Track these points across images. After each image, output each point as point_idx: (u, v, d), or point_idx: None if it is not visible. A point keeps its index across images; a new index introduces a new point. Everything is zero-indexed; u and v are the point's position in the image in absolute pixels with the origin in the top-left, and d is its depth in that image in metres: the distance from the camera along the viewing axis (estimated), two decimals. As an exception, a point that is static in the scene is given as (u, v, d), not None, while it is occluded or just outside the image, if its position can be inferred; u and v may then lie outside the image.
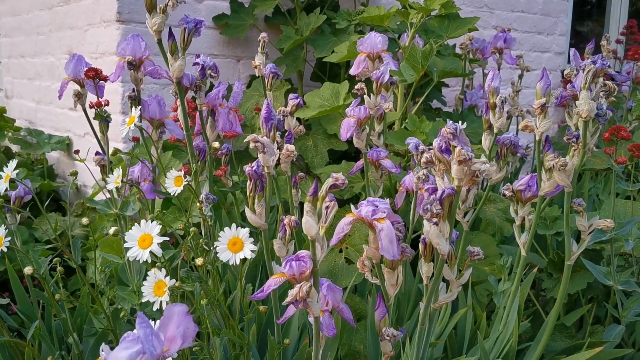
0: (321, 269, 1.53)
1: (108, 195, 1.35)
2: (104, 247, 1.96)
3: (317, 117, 2.06)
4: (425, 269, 1.06)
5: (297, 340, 1.38)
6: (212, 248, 1.01)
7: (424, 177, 1.26)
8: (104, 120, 1.37)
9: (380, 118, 1.70)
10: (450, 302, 1.53)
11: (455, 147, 0.90)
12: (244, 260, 0.91)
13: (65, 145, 2.60)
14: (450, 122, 0.93)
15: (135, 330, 0.64)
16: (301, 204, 1.98)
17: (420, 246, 1.06)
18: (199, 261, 0.93)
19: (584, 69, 1.15)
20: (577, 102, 1.12)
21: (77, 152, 1.44)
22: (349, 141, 2.26)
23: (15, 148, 2.86)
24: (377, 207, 0.95)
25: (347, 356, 1.53)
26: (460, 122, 1.23)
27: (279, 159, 1.12)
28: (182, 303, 0.69)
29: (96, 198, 2.13)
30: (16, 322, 1.61)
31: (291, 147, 1.03)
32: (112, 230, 1.11)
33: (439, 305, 1.07)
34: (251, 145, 0.97)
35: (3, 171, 1.22)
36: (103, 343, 0.64)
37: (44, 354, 1.24)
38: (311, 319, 0.96)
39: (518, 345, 1.40)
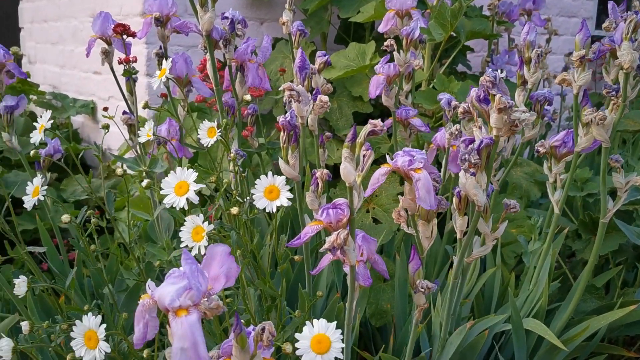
0: (350, 227, 1.51)
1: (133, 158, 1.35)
2: (133, 206, 1.98)
3: (342, 79, 2.04)
4: (459, 222, 1.05)
5: (326, 296, 1.39)
6: (245, 200, 1.00)
7: (457, 132, 1.25)
8: (132, 77, 1.37)
9: (409, 77, 1.68)
10: (478, 262, 1.52)
11: (495, 95, 0.88)
12: (278, 209, 0.90)
13: (90, 109, 2.60)
14: (489, 70, 0.90)
15: (180, 268, 0.64)
16: (327, 166, 1.96)
17: (454, 200, 1.05)
18: (234, 210, 0.93)
19: (625, 20, 1.11)
20: (618, 53, 1.09)
21: (105, 109, 1.43)
22: (374, 104, 2.24)
23: (39, 112, 2.88)
24: (413, 157, 0.94)
25: (375, 315, 1.54)
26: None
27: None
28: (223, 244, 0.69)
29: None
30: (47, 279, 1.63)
31: (325, 97, 1.01)
32: (144, 183, 1.11)
33: (473, 258, 1.06)
34: (286, 94, 0.96)
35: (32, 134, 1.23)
36: (149, 280, 0.64)
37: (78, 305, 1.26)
38: (346, 269, 0.95)
39: (547, 306, 1.39)
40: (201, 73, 1.76)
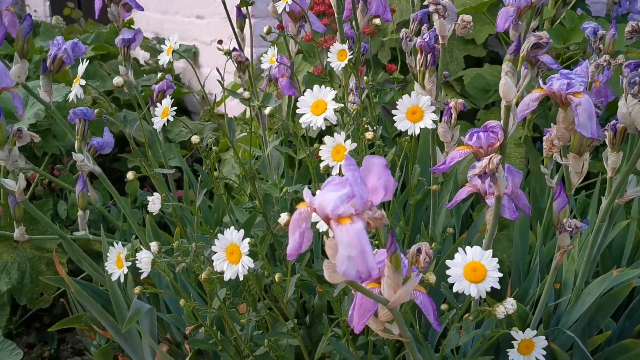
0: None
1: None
2: (236, 148, 1.98)
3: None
4: (612, 159, 0.95)
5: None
6: (375, 127, 0.95)
7: (605, 62, 1.13)
8: (247, 4, 1.33)
9: (537, 12, 1.54)
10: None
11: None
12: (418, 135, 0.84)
13: (192, 53, 2.62)
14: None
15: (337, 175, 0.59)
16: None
17: (608, 134, 0.95)
18: (369, 135, 0.87)
19: None
20: None
21: (220, 42, 1.41)
22: (486, 48, 2.11)
23: (142, 57, 2.94)
24: (572, 79, 0.84)
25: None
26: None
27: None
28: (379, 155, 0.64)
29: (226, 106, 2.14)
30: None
31: (467, 17, 0.93)
32: (267, 110, 1.08)
33: (626, 199, 0.96)
34: (431, 8, 0.88)
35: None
36: (305, 187, 0.60)
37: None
38: (490, 201, 0.88)
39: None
40: (311, 10, 1.71)
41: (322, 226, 0.71)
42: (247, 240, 0.72)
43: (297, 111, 0.83)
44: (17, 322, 1.56)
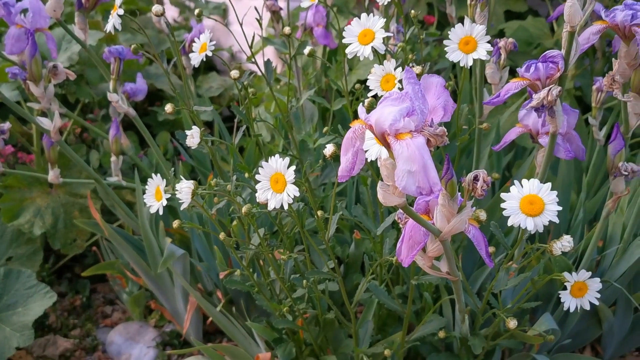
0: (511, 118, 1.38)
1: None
2: (266, 103, 1.94)
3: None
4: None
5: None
6: (424, 64, 0.91)
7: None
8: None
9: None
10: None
11: None
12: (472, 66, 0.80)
13: (222, 10, 2.58)
14: None
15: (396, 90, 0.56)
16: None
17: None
18: (416, 69, 0.83)
19: None
20: None
21: (255, -13, 1.37)
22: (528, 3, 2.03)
23: (171, 15, 2.90)
24: (637, 10, 0.79)
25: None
26: None
27: None
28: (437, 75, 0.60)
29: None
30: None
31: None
32: (306, 50, 1.04)
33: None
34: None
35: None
36: (360, 105, 0.57)
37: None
38: (543, 140, 0.84)
39: None
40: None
41: (370, 155, 0.68)
42: (293, 167, 0.69)
43: (344, 41, 0.79)
44: (49, 269, 1.57)
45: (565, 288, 0.79)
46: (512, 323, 0.80)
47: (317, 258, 1.16)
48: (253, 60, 1.13)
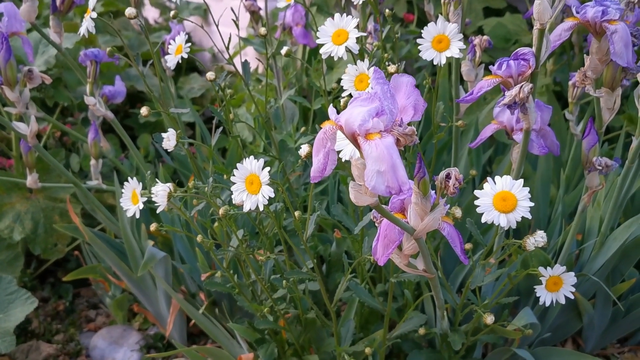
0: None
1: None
2: (247, 103, 1.94)
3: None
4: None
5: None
6: (398, 63, 0.91)
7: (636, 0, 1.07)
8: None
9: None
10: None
11: None
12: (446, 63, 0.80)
13: (202, 11, 2.57)
14: None
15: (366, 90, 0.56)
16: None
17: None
18: (391, 68, 0.84)
19: None
20: None
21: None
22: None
23: (152, 16, 2.88)
24: (607, 7, 0.80)
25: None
26: None
27: None
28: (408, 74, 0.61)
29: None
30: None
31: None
32: (283, 50, 1.04)
33: (658, 139, 0.92)
34: None
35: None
36: (330, 106, 0.57)
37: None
38: (517, 137, 0.85)
39: None
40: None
41: (344, 155, 0.68)
42: (267, 169, 0.69)
43: (317, 41, 0.80)
44: (30, 275, 1.55)
45: (541, 282, 0.79)
46: (490, 318, 0.81)
47: (300, 258, 1.16)
48: (230, 61, 1.13)
